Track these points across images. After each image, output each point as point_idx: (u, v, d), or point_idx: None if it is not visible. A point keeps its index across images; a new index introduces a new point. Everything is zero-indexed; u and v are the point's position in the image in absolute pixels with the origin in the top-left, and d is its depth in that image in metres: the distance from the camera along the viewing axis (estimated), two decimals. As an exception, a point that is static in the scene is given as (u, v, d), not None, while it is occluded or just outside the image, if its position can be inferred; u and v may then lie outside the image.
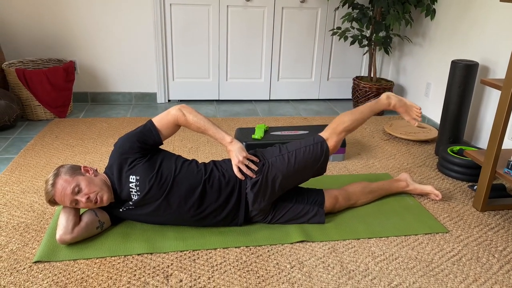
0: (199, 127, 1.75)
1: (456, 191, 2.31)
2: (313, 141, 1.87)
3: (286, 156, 1.82)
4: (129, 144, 1.71)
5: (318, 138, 1.89)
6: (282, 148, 1.87)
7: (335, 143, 1.89)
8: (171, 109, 1.74)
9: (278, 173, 1.80)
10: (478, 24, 2.84)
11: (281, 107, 3.81)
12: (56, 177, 1.65)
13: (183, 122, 1.74)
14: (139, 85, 3.72)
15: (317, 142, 1.87)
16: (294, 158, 1.82)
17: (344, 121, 1.92)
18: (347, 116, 1.95)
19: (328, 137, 1.89)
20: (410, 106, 2.10)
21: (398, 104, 2.08)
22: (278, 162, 1.81)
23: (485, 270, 1.67)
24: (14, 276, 1.53)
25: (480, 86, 2.83)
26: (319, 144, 1.86)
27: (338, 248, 1.77)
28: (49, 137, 2.87)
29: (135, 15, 3.48)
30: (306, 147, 1.85)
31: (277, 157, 1.82)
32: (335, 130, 1.91)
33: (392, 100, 2.07)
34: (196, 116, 1.75)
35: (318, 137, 1.90)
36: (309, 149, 1.85)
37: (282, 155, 1.83)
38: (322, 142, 1.87)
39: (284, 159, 1.81)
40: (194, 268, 1.61)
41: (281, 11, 3.65)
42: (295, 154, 1.83)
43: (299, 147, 1.85)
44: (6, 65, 3.17)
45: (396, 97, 2.08)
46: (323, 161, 1.87)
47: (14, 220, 1.89)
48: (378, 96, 3.49)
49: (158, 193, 1.71)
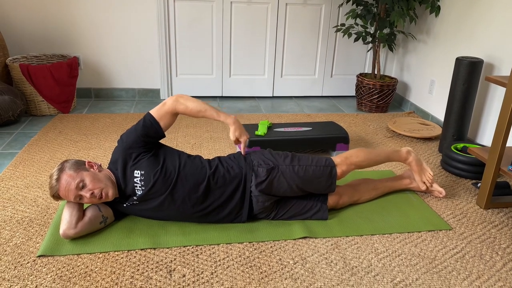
0: (199, 110, 1.76)
1: (460, 189, 2.30)
2: (324, 163, 1.88)
3: (297, 169, 1.83)
4: (133, 138, 1.71)
5: (330, 162, 1.90)
6: (294, 159, 1.87)
7: (342, 172, 1.90)
8: (167, 100, 1.75)
9: (284, 182, 1.81)
10: (483, 21, 2.82)
11: (285, 103, 3.80)
12: (60, 172, 1.66)
13: (182, 109, 1.75)
14: (143, 81, 3.72)
15: (327, 165, 1.88)
16: (303, 173, 1.83)
17: (358, 156, 1.96)
18: (363, 152, 1.99)
19: (339, 164, 1.91)
20: (425, 170, 2.15)
21: (415, 162, 2.13)
22: (287, 171, 1.82)
23: (488, 267, 1.67)
24: (18, 270, 1.54)
25: (485, 83, 2.81)
26: (329, 168, 1.88)
27: (341, 245, 1.76)
28: (53, 132, 2.87)
29: (139, 11, 3.48)
30: (317, 167, 1.86)
31: (287, 166, 1.83)
32: (347, 160, 1.93)
33: (411, 157, 2.13)
34: (193, 102, 1.76)
35: (330, 161, 1.91)
36: (320, 169, 1.86)
37: (292, 166, 1.83)
38: (333, 167, 1.89)
39: (294, 171, 1.82)
40: (197, 263, 1.61)
41: (284, 7, 3.64)
42: (305, 170, 1.84)
43: (310, 164, 1.86)
44: (10, 60, 3.18)
45: (416, 156, 2.14)
46: (330, 185, 1.89)
47: (18, 214, 1.89)
48: (381, 93, 3.49)
49: (162, 188, 1.71)
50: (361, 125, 3.27)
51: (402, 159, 2.13)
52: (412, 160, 2.13)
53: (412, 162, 2.13)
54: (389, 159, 2.09)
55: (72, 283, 1.48)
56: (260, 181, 1.78)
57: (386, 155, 2.08)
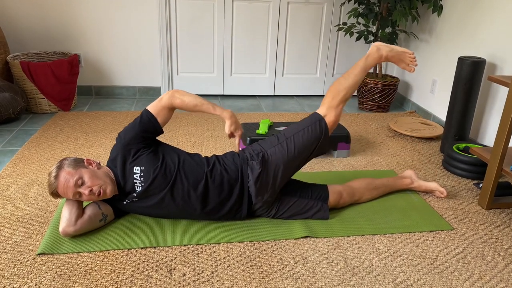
0: (195, 105, 1.76)
1: (462, 189, 2.29)
2: (310, 121, 1.82)
3: (285, 143, 1.80)
4: (131, 134, 1.71)
5: (315, 117, 1.83)
6: (280, 136, 1.83)
7: (334, 117, 1.83)
8: (164, 95, 1.75)
9: (279, 162, 1.78)
10: (485, 21, 2.81)
11: (286, 102, 3.79)
12: (59, 169, 1.65)
13: (178, 104, 1.74)
14: (143, 79, 3.71)
15: (315, 121, 1.82)
16: (293, 143, 1.79)
17: (339, 91, 1.85)
18: (340, 84, 1.86)
19: (326, 113, 1.84)
20: (403, 53, 1.97)
21: (389, 53, 1.95)
22: (278, 151, 1.79)
23: (490, 268, 1.66)
24: (17, 268, 1.53)
25: (487, 83, 2.80)
26: (317, 123, 1.81)
27: (342, 244, 1.76)
28: (53, 130, 2.87)
29: (140, 9, 3.47)
30: (305, 129, 1.81)
31: (275, 147, 1.80)
32: (331, 103, 1.84)
33: (382, 50, 1.94)
34: (189, 97, 1.75)
35: (315, 115, 1.83)
36: (308, 130, 1.80)
37: (280, 144, 1.80)
38: (320, 120, 1.82)
39: (283, 147, 1.79)
40: (197, 262, 1.61)
41: (286, 6, 3.63)
42: (294, 140, 1.80)
43: (297, 131, 1.81)
44: (10, 57, 3.17)
45: (386, 46, 1.96)
46: (323, 140, 1.82)
47: (18, 212, 1.89)
48: (383, 93, 3.48)
49: (162, 184, 1.71)
50: (363, 124, 3.26)
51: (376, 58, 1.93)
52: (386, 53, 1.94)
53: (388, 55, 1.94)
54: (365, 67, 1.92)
55: (72, 282, 1.48)
56: (256, 174, 1.76)
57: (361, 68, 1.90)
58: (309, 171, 2.42)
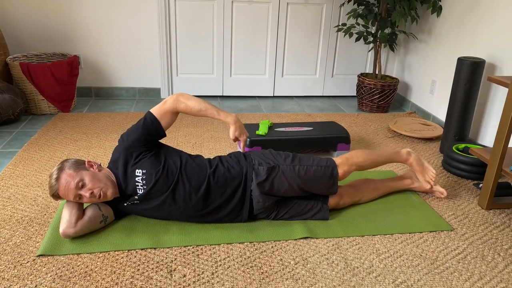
0: (199, 110, 1.75)
1: (461, 189, 2.30)
2: (325, 163, 1.87)
3: (297, 168, 1.82)
4: (134, 137, 1.71)
5: (331, 162, 1.89)
6: (295, 159, 1.86)
7: (343, 172, 1.89)
8: (168, 99, 1.74)
9: (285, 182, 1.80)
10: (485, 21, 2.81)
11: (285, 103, 3.80)
12: (60, 171, 1.65)
13: (182, 108, 1.74)
14: (143, 80, 3.71)
15: (329, 165, 1.87)
16: (304, 173, 1.82)
17: (358, 156, 1.95)
18: (363, 153, 1.98)
19: (340, 164, 1.90)
20: (427, 169, 2.14)
21: (415, 163, 2.13)
22: (288, 171, 1.81)
23: (490, 268, 1.66)
24: (17, 270, 1.53)
25: (486, 84, 2.80)
26: (330, 168, 1.86)
27: (342, 245, 1.76)
28: (53, 131, 2.87)
29: (139, 10, 3.47)
30: (318, 167, 1.85)
31: (288, 166, 1.82)
32: (348, 160, 1.92)
33: (411, 158, 2.12)
34: (193, 101, 1.75)
35: (332, 161, 1.90)
36: (320, 169, 1.85)
37: (293, 166, 1.82)
38: (334, 167, 1.87)
39: (295, 171, 1.81)
40: (197, 263, 1.61)
41: (286, 7, 3.63)
42: (306, 170, 1.82)
43: (311, 164, 1.85)
44: (10, 59, 3.17)
45: (416, 156, 2.13)
46: (331, 185, 1.87)
47: (18, 213, 1.89)
48: (382, 94, 3.48)
49: (164, 187, 1.70)
50: (362, 125, 3.27)
51: (403, 160, 2.13)
52: (413, 160, 2.12)
53: (413, 163, 2.13)
54: (390, 160, 2.09)
55: (72, 283, 1.48)
56: (260, 180, 1.77)
57: (387, 156, 2.07)
58: (309, 172, 2.42)
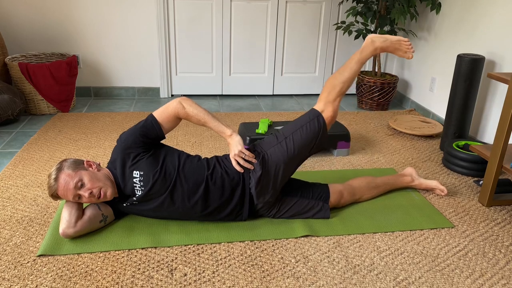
0: (199, 119, 1.74)
1: (462, 186, 2.29)
2: (308, 118, 1.81)
3: (284, 142, 1.79)
4: (132, 138, 1.70)
5: (313, 113, 1.82)
6: (278, 135, 1.82)
7: (332, 112, 1.82)
8: (171, 102, 1.73)
9: (279, 162, 1.77)
10: (484, 18, 2.81)
11: (285, 102, 3.79)
12: (59, 171, 1.64)
13: (183, 115, 1.73)
14: (142, 79, 3.71)
15: (312, 118, 1.81)
16: (293, 142, 1.78)
17: (334, 85, 1.84)
18: (336, 79, 1.85)
19: (323, 108, 1.83)
20: (397, 41, 1.93)
21: (384, 44, 1.92)
22: (277, 151, 1.78)
23: (491, 265, 1.66)
24: (18, 270, 1.53)
25: (486, 80, 2.80)
26: (315, 120, 1.80)
27: (343, 243, 1.75)
28: (52, 131, 2.86)
29: (138, 9, 3.46)
30: (303, 127, 1.80)
31: (275, 147, 1.79)
32: (328, 98, 1.83)
33: (377, 42, 1.91)
34: (196, 109, 1.73)
35: (313, 111, 1.82)
36: (306, 127, 1.79)
37: (279, 143, 1.79)
38: (318, 116, 1.81)
39: (283, 147, 1.78)
40: (198, 262, 1.60)
41: (284, 5, 3.63)
42: (293, 138, 1.79)
43: (295, 129, 1.80)
44: (9, 59, 3.16)
45: (380, 37, 1.93)
46: (322, 136, 1.81)
47: (18, 214, 1.88)
48: (382, 91, 3.47)
49: (162, 188, 1.70)
50: (362, 123, 3.26)
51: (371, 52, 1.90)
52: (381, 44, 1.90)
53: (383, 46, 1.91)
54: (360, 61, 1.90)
55: (72, 283, 1.47)
56: (257, 176, 1.76)
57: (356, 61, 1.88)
58: (309, 170, 2.41)
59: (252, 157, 1.77)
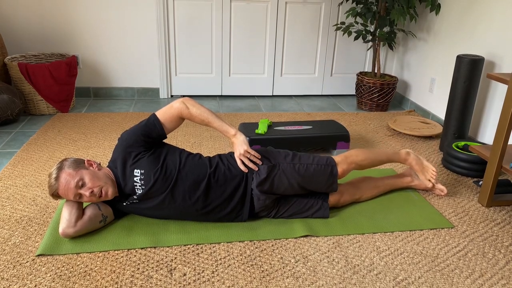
0: (202, 119, 1.74)
1: (461, 187, 2.29)
2: (325, 162, 1.87)
3: (297, 167, 1.82)
4: (133, 137, 1.70)
5: (331, 161, 1.88)
6: (295, 157, 1.85)
7: (342, 170, 1.88)
8: (174, 102, 1.73)
9: (285, 180, 1.80)
10: (483, 19, 2.81)
11: (284, 102, 3.79)
12: (59, 170, 1.64)
13: (186, 115, 1.73)
14: (142, 80, 3.71)
15: (328, 164, 1.87)
16: (304, 171, 1.81)
17: (358, 155, 1.95)
18: (363, 152, 1.99)
19: (339, 163, 1.89)
20: (427, 167, 2.14)
21: (415, 162, 2.13)
22: (288, 170, 1.80)
23: (491, 265, 1.65)
24: (17, 269, 1.52)
25: (486, 81, 2.80)
26: (330, 167, 1.86)
27: (342, 243, 1.75)
28: (52, 131, 2.86)
29: (138, 10, 3.46)
30: (318, 166, 1.84)
31: (288, 164, 1.81)
32: (347, 159, 1.92)
33: (410, 158, 2.13)
34: (199, 109, 1.73)
35: (331, 160, 1.89)
36: (320, 168, 1.84)
37: (293, 164, 1.82)
38: (334, 166, 1.87)
39: (295, 169, 1.81)
40: (198, 262, 1.60)
41: (284, 6, 3.63)
42: (306, 168, 1.82)
43: (311, 163, 1.84)
44: (8, 59, 3.16)
45: (415, 156, 2.14)
46: (331, 184, 1.87)
47: (17, 213, 1.88)
48: (381, 92, 3.48)
49: (162, 186, 1.70)
50: (362, 124, 3.26)
51: (402, 160, 2.13)
52: (412, 160, 2.12)
53: (412, 163, 2.13)
54: (389, 160, 2.09)
55: (71, 282, 1.47)
56: (261, 179, 1.76)
57: (386, 156, 2.07)
58: (309, 171, 2.41)
59: (258, 157, 1.78)
